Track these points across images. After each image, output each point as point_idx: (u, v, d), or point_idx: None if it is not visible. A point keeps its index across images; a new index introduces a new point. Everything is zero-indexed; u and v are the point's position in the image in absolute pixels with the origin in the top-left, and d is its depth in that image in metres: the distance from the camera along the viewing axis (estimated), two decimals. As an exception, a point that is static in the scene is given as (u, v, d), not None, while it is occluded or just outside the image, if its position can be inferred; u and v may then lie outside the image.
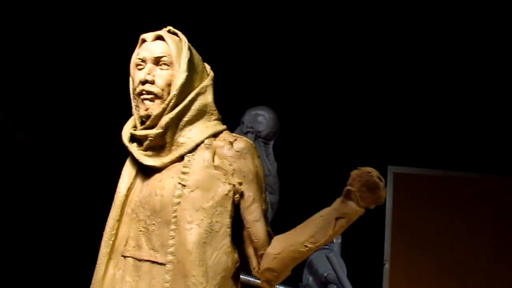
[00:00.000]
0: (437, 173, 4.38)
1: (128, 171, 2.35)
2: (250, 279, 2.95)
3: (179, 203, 2.19)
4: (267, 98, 4.33)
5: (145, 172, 2.31)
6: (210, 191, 2.20)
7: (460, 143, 4.48)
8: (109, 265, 2.28)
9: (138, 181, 2.33)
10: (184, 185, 2.20)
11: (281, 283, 2.60)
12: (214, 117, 2.35)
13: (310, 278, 3.06)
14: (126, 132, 2.36)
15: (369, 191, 2.03)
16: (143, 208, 2.25)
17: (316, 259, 3.20)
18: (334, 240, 3.13)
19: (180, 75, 2.27)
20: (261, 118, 4.05)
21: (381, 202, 2.06)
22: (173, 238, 2.17)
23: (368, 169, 2.05)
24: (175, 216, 2.18)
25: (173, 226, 2.17)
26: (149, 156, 2.29)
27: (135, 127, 2.34)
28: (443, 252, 4.32)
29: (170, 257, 2.16)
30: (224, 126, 2.36)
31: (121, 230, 2.30)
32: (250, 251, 2.25)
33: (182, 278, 2.13)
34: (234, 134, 2.36)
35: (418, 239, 4.34)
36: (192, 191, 2.19)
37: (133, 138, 2.34)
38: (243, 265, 2.27)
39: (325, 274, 3.11)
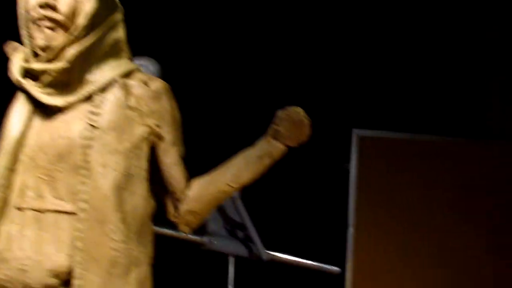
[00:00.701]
0: (403, 136, 4.34)
1: (20, 112, 2.09)
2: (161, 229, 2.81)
3: (89, 146, 2.01)
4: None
5: (43, 113, 2.07)
6: (125, 133, 2.05)
7: (426, 106, 4.43)
8: (1, 222, 2.04)
9: (35, 124, 2.07)
10: (95, 127, 2.02)
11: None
12: (125, 55, 2.17)
13: (214, 225, 2.99)
14: (17, 65, 2.07)
15: (295, 130, 2.06)
16: (44, 154, 2.03)
17: (220, 206, 3.11)
18: None
19: (89, 2, 2.04)
20: (144, 70, 3.88)
21: (305, 140, 2.09)
22: (85, 184, 1.99)
23: (295, 107, 2.09)
24: (86, 161, 2.00)
25: (84, 172, 2.00)
26: (49, 94, 2.05)
27: (27, 60, 2.07)
28: (409, 215, 4.30)
29: (82, 205, 1.99)
30: (137, 65, 2.20)
31: (15, 181, 2.05)
32: (168, 195, 2.15)
33: (99, 225, 1.98)
34: (147, 74, 2.24)
35: (383, 203, 4.30)
36: (105, 132, 2.03)
37: (25, 74, 2.07)
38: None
39: (236, 220, 3.05)
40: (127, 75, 2.12)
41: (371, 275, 4.30)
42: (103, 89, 2.07)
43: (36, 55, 2.06)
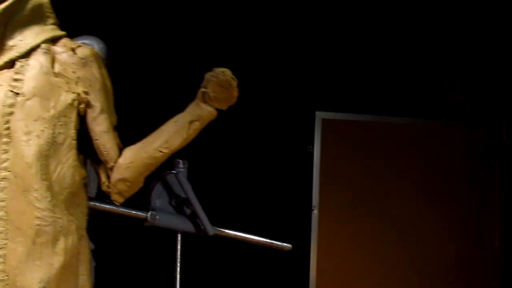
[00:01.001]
0: (365, 118, 4.40)
1: None
2: (97, 203, 2.83)
3: (12, 113, 1.96)
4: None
5: None
6: (50, 100, 1.99)
7: (387, 88, 4.50)
8: None
9: None
10: (17, 93, 1.97)
11: (132, 208, 2.61)
12: (51, 21, 2.09)
13: (158, 202, 3.02)
14: None
15: (223, 91, 2.06)
16: None
17: (165, 183, 3.14)
18: (181, 164, 3.08)
19: None
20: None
21: (233, 102, 2.10)
22: (7, 152, 1.95)
23: (222, 69, 2.07)
24: (8, 128, 1.95)
25: (5, 139, 1.95)
26: None
27: None
28: (371, 196, 4.39)
29: (4, 173, 1.94)
30: (64, 32, 2.11)
31: None
32: (99, 164, 2.12)
33: (22, 193, 1.93)
34: (76, 42, 2.15)
35: (346, 184, 4.38)
36: (28, 99, 1.97)
37: None
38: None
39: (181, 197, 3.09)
40: (53, 41, 2.06)
41: (334, 254, 4.39)
42: (26, 55, 2.01)
43: None
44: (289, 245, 3.36)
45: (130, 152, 2.10)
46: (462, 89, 4.62)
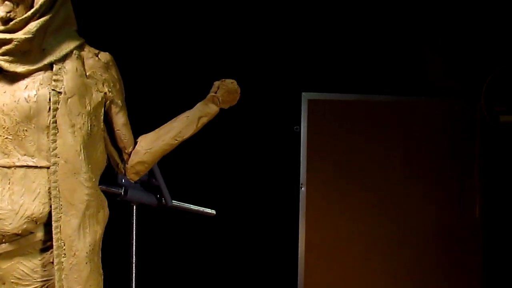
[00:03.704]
0: (349, 98, 4.50)
1: None
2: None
3: (57, 109, 2.27)
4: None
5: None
6: (85, 98, 2.34)
7: (371, 67, 4.58)
8: None
9: None
10: (59, 92, 2.28)
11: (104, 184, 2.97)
12: (74, 28, 2.41)
13: (124, 179, 3.31)
14: None
15: (229, 96, 2.55)
16: (7, 116, 2.25)
17: None
18: None
19: None
20: None
21: (235, 103, 2.59)
22: (55, 141, 2.27)
23: (230, 80, 2.56)
24: (55, 122, 2.27)
25: (53, 131, 2.27)
26: (10, 62, 2.26)
27: None
28: (358, 174, 4.51)
29: (54, 159, 2.27)
30: (83, 39, 2.44)
31: None
32: (117, 151, 2.52)
33: (73, 175, 2.29)
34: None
35: (332, 162, 4.49)
36: (69, 97, 2.30)
37: None
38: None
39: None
40: (79, 46, 2.39)
41: (322, 229, 4.52)
42: (62, 59, 2.32)
43: None
44: (213, 211, 3.68)
45: (146, 140, 2.54)
46: (441, 65, 4.69)
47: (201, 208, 3.61)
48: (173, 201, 3.48)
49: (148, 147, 2.53)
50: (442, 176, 4.61)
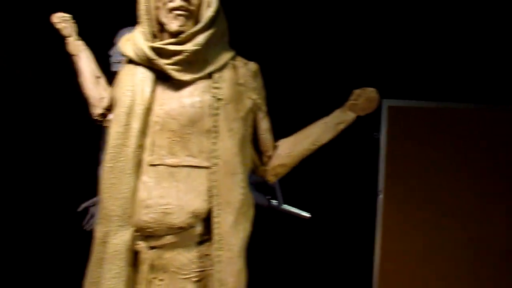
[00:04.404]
0: (431, 105, 4.42)
1: (145, 83, 2.50)
2: None
3: (217, 114, 2.48)
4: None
5: (166, 85, 2.51)
6: (239, 104, 2.55)
7: (453, 75, 4.50)
8: (139, 175, 2.47)
9: (157, 94, 2.51)
10: (219, 99, 2.49)
11: None
12: (227, 40, 2.62)
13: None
14: (145, 44, 2.50)
15: (368, 104, 2.66)
16: (175, 119, 2.47)
17: None
18: None
19: None
20: None
21: (372, 111, 2.69)
22: (216, 144, 2.47)
23: (371, 88, 2.67)
24: (215, 126, 2.48)
25: (214, 134, 2.47)
26: (178, 71, 2.48)
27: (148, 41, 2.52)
28: (437, 182, 4.41)
29: (214, 160, 2.47)
30: (234, 50, 2.64)
31: (145, 142, 2.49)
32: (257, 154, 2.69)
33: (230, 176, 2.48)
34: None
35: (412, 170, 4.42)
36: (227, 104, 2.50)
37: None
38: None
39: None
40: (233, 57, 2.61)
41: (399, 239, 4.45)
42: (220, 68, 2.54)
43: (154, 36, 2.53)
44: (308, 214, 3.72)
45: (286, 145, 2.71)
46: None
47: (299, 211, 3.65)
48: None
49: (289, 151, 2.70)
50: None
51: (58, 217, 4.49)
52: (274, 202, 3.53)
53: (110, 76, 2.88)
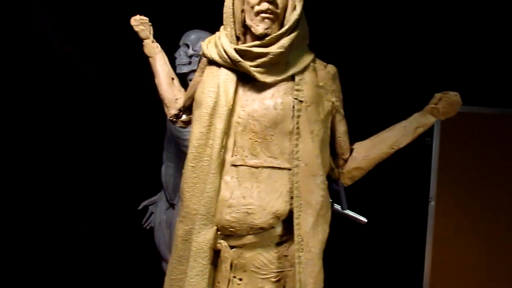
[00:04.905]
0: (484, 111, 4.39)
1: (228, 85, 2.49)
2: None
3: (299, 116, 2.46)
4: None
5: (248, 87, 2.50)
6: (320, 107, 2.53)
7: (507, 81, 4.45)
8: (222, 175, 2.46)
9: (240, 95, 2.50)
10: (301, 101, 2.47)
11: None
12: (307, 41, 2.59)
13: None
14: (230, 46, 2.49)
15: (450, 108, 2.59)
16: (257, 121, 2.47)
17: None
18: None
19: (298, 1, 2.51)
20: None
21: (453, 115, 2.62)
22: (297, 146, 2.44)
23: (454, 92, 2.60)
24: (298, 128, 2.45)
25: (296, 136, 2.45)
26: (261, 73, 2.47)
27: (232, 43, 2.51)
28: (490, 190, 4.37)
29: (296, 162, 2.44)
30: (314, 52, 2.61)
31: (228, 142, 2.48)
32: (333, 156, 2.67)
33: (311, 178, 2.46)
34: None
35: (464, 177, 4.39)
36: (308, 106, 2.48)
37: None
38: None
39: None
40: (313, 60, 2.59)
41: (450, 247, 4.41)
42: (302, 71, 2.52)
43: (238, 39, 2.52)
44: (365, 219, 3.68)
45: (363, 148, 2.69)
46: None
47: (358, 216, 3.61)
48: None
49: (365, 154, 2.68)
50: None
51: (119, 215, 4.48)
52: (336, 206, 3.46)
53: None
